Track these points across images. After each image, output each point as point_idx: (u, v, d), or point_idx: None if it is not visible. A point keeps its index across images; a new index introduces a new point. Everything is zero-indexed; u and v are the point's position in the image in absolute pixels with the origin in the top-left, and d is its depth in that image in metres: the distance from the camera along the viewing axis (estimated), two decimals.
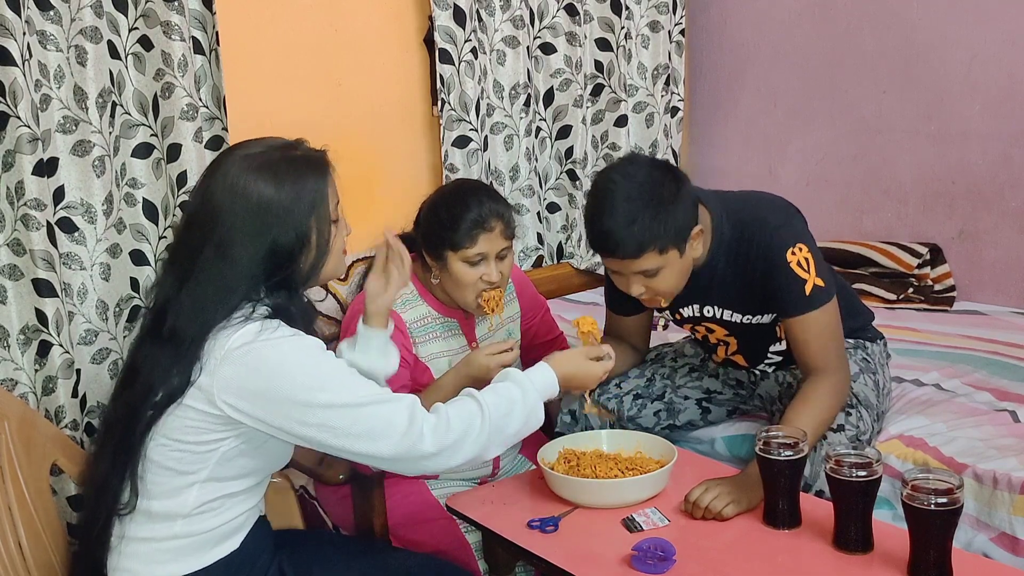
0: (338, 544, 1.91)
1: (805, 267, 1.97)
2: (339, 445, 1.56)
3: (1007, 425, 2.14)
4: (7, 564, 1.68)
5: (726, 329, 2.16)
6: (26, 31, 2.13)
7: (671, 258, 1.93)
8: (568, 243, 3.55)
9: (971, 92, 3.10)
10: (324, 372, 1.56)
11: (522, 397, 1.67)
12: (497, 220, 2.05)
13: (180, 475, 1.60)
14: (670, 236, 1.90)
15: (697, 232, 1.97)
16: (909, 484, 1.50)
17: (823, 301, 1.98)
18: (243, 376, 1.53)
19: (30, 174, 2.13)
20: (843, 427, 1.99)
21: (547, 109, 3.43)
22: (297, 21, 2.90)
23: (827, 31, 3.45)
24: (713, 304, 2.12)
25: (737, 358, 2.24)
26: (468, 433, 1.59)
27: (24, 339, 2.19)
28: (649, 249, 1.89)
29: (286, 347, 1.55)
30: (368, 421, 1.54)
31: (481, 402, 1.63)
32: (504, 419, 1.64)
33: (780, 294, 2.00)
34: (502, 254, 2.07)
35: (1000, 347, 2.64)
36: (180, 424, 1.57)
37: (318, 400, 1.53)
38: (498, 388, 1.68)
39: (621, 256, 1.91)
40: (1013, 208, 3.07)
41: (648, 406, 2.27)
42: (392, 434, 1.54)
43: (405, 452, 1.55)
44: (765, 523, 1.72)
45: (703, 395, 2.32)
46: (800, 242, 1.99)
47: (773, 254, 1.98)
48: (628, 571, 1.60)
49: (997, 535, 1.93)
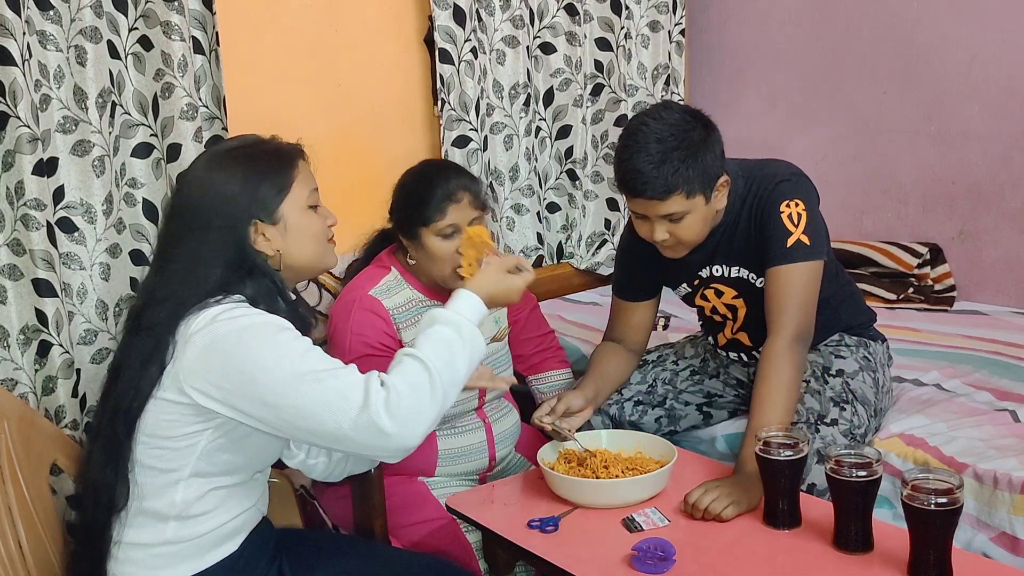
0: (338, 544, 1.91)
1: (795, 221, 1.98)
2: (301, 425, 1.50)
3: (1007, 425, 2.14)
4: (7, 564, 1.68)
5: (735, 290, 2.14)
6: (26, 31, 2.13)
7: (697, 204, 1.94)
8: (568, 243, 3.55)
9: (971, 92, 3.10)
10: (279, 345, 1.53)
11: (458, 335, 1.59)
12: (464, 192, 2.08)
13: (164, 473, 1.60)
14: (698, 181, 1.93)
15: (724, 182, 1.99)
16: (909, 484, 1.50)
17: (802, 258, 1.97)
18: (203, 357, 1.53)
19: (30, 174, 2.13)
20: (836, 421, 1.99)
21: (547, 109, 3.43)
22: (297, 21, 2.90)
23: (827, 31, 3.45)
24: (724, 262, 2.12)
25: (741, 336, 2.21)
26: (421, 396, 1.51)
27: (24, 339, 2.19)
28: (677, 191, 1.91)
29: (243, 323, 1.54)
30: (323, 393, 1.48)
31: (422, 358, 1.54)
32: (450, 366, 1.56)
33: (766, 243, 2.00)
34: (474, 224, 2.09)
35: (1000, 347, 2.64)
36: (157, 420, 1.58)
37: (273, 375, 1.50)
38: (431, 335, 1.58)
39: (649, 196, 1.92)
40: (1013, 208, 3.07)
41: (649, 412, 2.27)
42: (348, 408, 1.47)
43: (366, 428, 1.47)
44: (765, 523, 1.72)
45: (704, 400, 2.32)
46: (798, 198, 1.99)
47: (770, 203, 2.00)
48: (628, 571, 1.60)
49: (997, 535, 1.93)
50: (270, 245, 1.65)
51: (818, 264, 1.99)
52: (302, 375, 1.50)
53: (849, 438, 1.98)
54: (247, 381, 1.51)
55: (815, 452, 1.91)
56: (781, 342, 1.94)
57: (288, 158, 1.69)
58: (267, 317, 1.57)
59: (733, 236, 2.08)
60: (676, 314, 2.99)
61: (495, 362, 2.26)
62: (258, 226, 1.63)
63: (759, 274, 2.07)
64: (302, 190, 1.68)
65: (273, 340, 1.53)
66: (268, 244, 1.65)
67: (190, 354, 1.54)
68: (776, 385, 1.90)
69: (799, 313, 1.96)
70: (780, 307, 1.97)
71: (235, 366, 1.51)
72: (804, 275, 1.98)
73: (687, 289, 2.23)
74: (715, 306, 2.20)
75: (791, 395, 1.91)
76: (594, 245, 3.57)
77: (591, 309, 3.23)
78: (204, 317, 1.55)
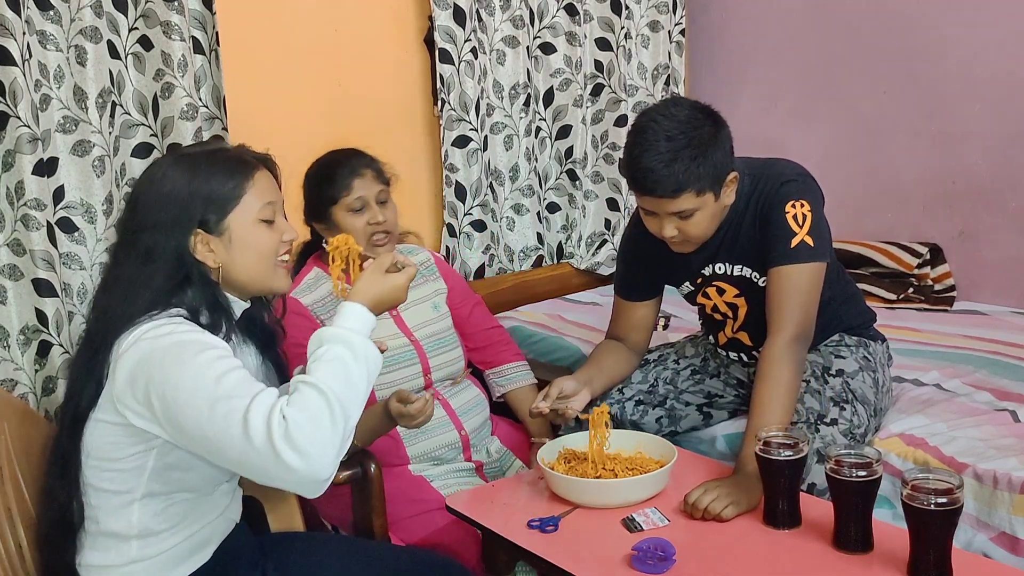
0: (326, 544, 1.88)
1: (799, 222, 1.98)
2: (215, 453, 1.43)
3: (1007, 425, 2.14)
4: (7, 564, 1.68)
5: (737, 288, 2.14)
6: (26, 31, 2.13)
7: (707, 201, 1.95)
8: (568, 243, 3.55)
9: (971, 92, 3.10)
10: (198, 367, 1.44)
11: (350, 351, 1.48)
12: (366, 168, 2.19)
13: (117, 495, 1.57)
14: (708, 179, 1.92)
15: (732, 178, 1.99)
16: (909, 484, 1.50)
17: (805, 258, 1.97)
18: (131, 377, 1.48)
19: (30, 174, 2.14)
20: (836, 421, 1.99)
21: (547, 109, 3.43)
22: (297, 21, 2.90)
23: (827, 31, 3.45)
24: (727, 260, 2.12)
25: (742, 336, 2.21)
26: (320, 425, 1.39)
27: (24, 339, 2.19)
28: (687, 190, 1.91)
29: (166, 342, 1.47)
30: (230, 424, 1.39)
31: (317, 383, 1.42)
32: (347, 386, 1.45)
33: (768, 243, 2.00)
34: (381, 198, 2.19)
35: (1000, 347, 2.64)
36: (102, 442, 1.55)
37: (188, 398, 1.42)
38: (322, 357, 1.47)
39: (659, 195, 1.92)
40: (1013, 208, 3.07)
41: (650, 412, 2.27)
42: (252, 440, 1.38)
43: (272, 462, 1.37)
44: (765, 523, 1.72)
45: (704, 400, 2.32)
46: (804, 199, 1.99)
47: (775, 203, 2.00)
48: (628, 571, 1.59)
49: (997, 535, 1.93)
50: (212, 257, 1.57)
51: (821, 266, 2.00)
52: (214, 402, 1.41)
53: (849, 438, 1.98)
54: (168, 403, 1.45)
55: (815, 452, 1.91)
56: (781, 342, 1.94)
57: (245, 167, 1.60)
58: (193, 336, 1.49)
59: (737, 234, 2.08)
60: (676, 314, 2.99)
61: (439, 343, 2.31)
62: (200, 235, 1.55)
63: (762, 273, 2.07)
64: (255, 201, 1.58)
65: (193, 362, 1.45)
66: (211, 256, 1.57)
67: (120, 374, 1.49)
68: (775, 385, 1.90)
69: (800, 313, 1.96)
70: (781, 307, 1.97)
71: (156, 387, 1.45)
72: (806, 276, 1.97)
73: (690, 287, 2.23)
74: (716, 304, 2.20)
75: (790, 395, 1.91)
76: (594, 245, 3.57)
77: (591, 309, 3.23)
78: (134, 335, 1.49)
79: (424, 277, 2.38)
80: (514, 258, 3.43)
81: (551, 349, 2.90)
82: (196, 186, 1.55)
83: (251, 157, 1.64)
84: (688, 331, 2.62)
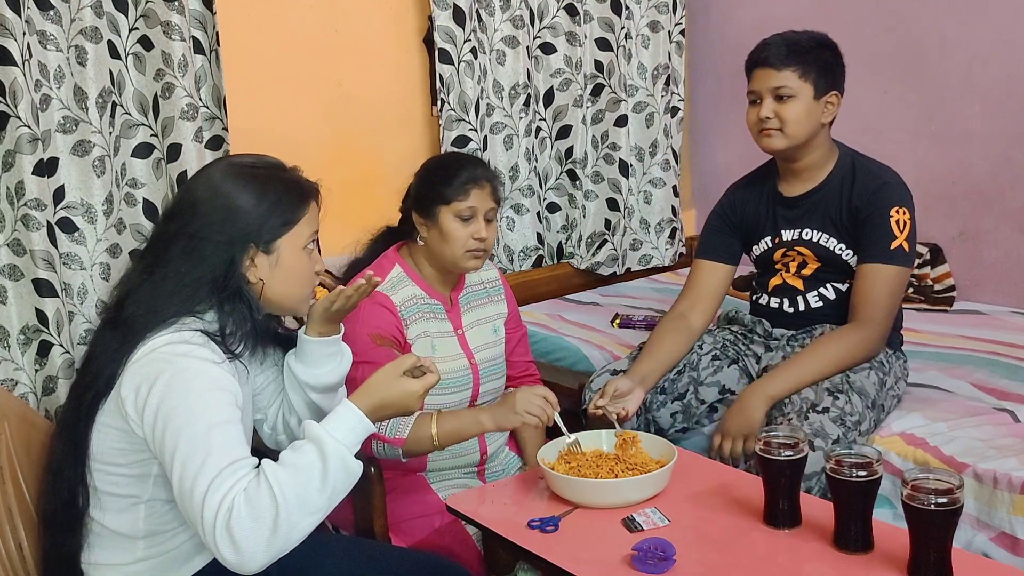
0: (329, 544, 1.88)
1: (901, 228, 2.16)
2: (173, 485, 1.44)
3: (1007, 425, 2.15)
4: (7, 564, 1.68)
5: (815, 254, 2.28)
6: (26, 31, 2.13)
7: (806, 90, 2.19)
8: (568, 243, 3.55)
9: (971, 92, 3.11)
10: (196, 405, 1.45)
11: (322, 463, 1.45)
12: (487, 181, 2.15)
13: (123, 498, 1.59)
14: (814, 68, 2.19)
15: (834, 96, 2.24)
16: (909, 484, 1.50)
17: (901, 262, 2.15)
18: (136, 385, 1.50)
19: (30, 174, 2.13)
20: (828, 409, 2.02)
21: (547, 109, 3.43)
22: (297, 21, 2.90)
23: (827, 31, 3.43)
24: (816, 228, 2.27)
25: (795, 281, 2.33)
26: (261, 529, 1.39)
27: (24, 339, 2.19)
28: (794, 63, 2.18)
29: (181, 364, 1.49)
30: (196, 481, 1.40)
31: (275, 488, 1.41)
32: (302, 501, 1.42)
33: (870, 238, 2.17)
34: (489, 216, 2.14)
35: (1000, 347, 2.64)
36: (106, 448, 1.56)
37: (176, 434, 1.44)
38: (297, 454, 1.46)
39: (769, 63, 2.19)
40: (1013, 208, 3.07)
41: (668, 405, 2.29)
42: (203, 512, 1.39)
43: (210, 539, 1.39)
44: (765, 523, 1.72)
45: (718, 396, 2.33)
46: (906, 207, 2.18)
47: (880, 201, 2.17)
48: (628, 571, 1.59)
49: (997, 535, 1.93)
50: (255, 273, 1.61)
51: (909, 271, 2.20)
52: (193, 450, 1.42)
53: (839, 424, 1.99)
54: (159, 422, 1.46)
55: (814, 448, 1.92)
56: (858, 333, 2.14)
57: (304, 193, 1.66)
58: (206, 367, 1.50)
59: (828, 206, 2.25)
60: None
61: (492, 369, 2.28)
62: (252, 251, 1.60)
63: (849, 244, 2.23)
64: (305, 229, 1.64)
65: (198, 398, 1.47)
66: (254, 271, 1.61)
67: (127, 380, 1.51)
68: (821, 350, 2.13)
69: (884, 310, 2.16)
70: (869, 301, 2.16)
71: (154, 401, 1.47)
72: (897, 278, 2.17)
73: (768, 245, 2.35)
74: (787, 263, 2.33)
75: (825, 366, 2.11)
76: (594, 245, 3.57)
77: (591, 309, 3.23)
78: (151, 344, 1.52)
79: (489, 297, 2.32)
80: (514, 258, 3.43)
81: (551, 349, 2.90)
82: (265, 205, 1.60)
83: (309, 186, 1.68)
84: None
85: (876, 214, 2.17)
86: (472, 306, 2.27)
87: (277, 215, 1.61)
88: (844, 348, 2.13)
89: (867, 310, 2.15)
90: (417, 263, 2.20)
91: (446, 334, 2.19)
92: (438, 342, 2.16)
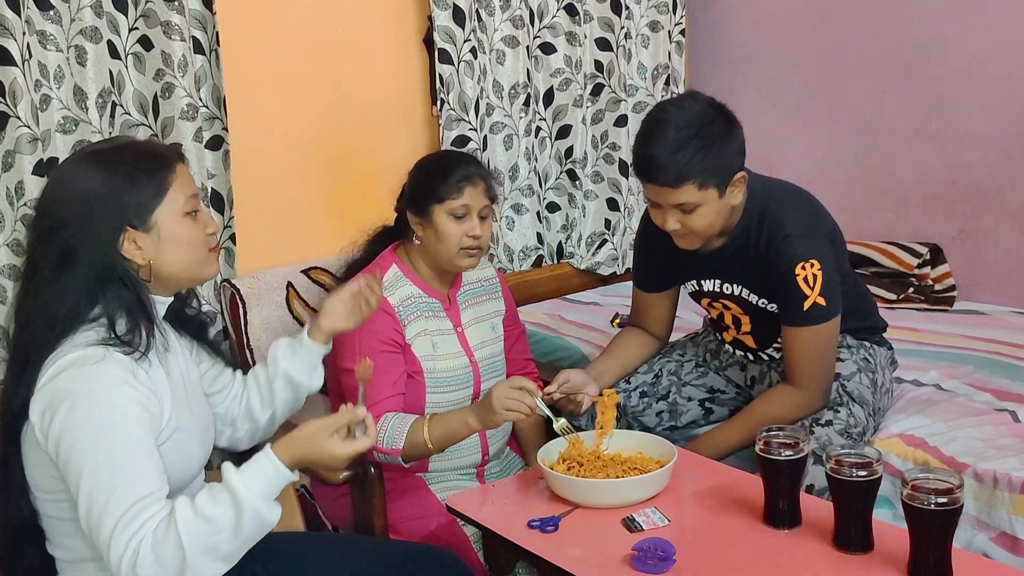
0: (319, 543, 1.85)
1: (811, 283, 1.98)
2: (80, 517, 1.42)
3: (1007, 425, 2.14)
4: None
5: (741, 308, 2.16)
6: (26, 31, 2.14)
7: (710, 196, 1.93)
8: (568, 243, 3.55)
9: (971, 92, 3.10)
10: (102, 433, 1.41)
11: (236, 513, 1.43)
12: (480, 179, 2.14)
13: (68, 521, 1.52)
14: (712, 172, 1.91)
15: (740, 178, 1.98)
16: (909, 484, 1.50)
17: (818, 320, 2.00)
18: (41, 411, 1.45)
19: (30, 174, 2.14)
20: (832, 422, 2.01)
21: (547, 109, 3.43)
22: (297, 21, 2.90)
23: (827, 31, 3.45)
24: (734, 282, 2.12)
25: (747, 339, 2.23)
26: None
27: None
28: (689, 180, 1.90)
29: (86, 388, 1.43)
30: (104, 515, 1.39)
31: (183, 536, 1.39)
32: (209, 552, 1.41)
33: (782, 299, 2.03)
34: (484, 213, 2.13)
35: (1000, 347, 2.64)
36: (40, 476, 1.52)
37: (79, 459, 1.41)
38: (211, 500, 1.44)
39: (661, 183, 1.91)
40: (1013, 208, 3.07)
41: (653, 405, 2.28)
42: (111, 546, 1.38)
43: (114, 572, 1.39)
44: (765, 523, 1.72)
45: (707, 395, 2.33)
46: (814, 257, 1.98)
47: (782, 260, 1.99)
48: (628, 571, 1.60)
49: (997, 535, 1.93)
50: (141, 254, 1.54)
51: (835, 321, 2.03)
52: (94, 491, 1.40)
53: (846, 437, 1.99)
54: (63, 458, 1.43)
55: (811, 453, 1.91)
56: (796, 395, 2.03)
57: (162, 160, 1.57)
58: (105, 392, 1.44)
59: (745, 259, 2.07)
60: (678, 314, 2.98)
61: (492, 367, 2.28)
62: (129, 233, 1.52)
63: (769, 299, 2.09)
64: (179, 196, 1.56)
65: (99, 430, 1.42)
66: (139, 253, 1.54)
67: (36, 405, 1.46)
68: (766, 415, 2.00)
69: (814, 370, 2.02)
70: (796, 365, 2.03)
71: (54, 436, 1.43)
72: (822, 335, 2.02)
73: (694, 287, 2.24)
74: (721, 313, 2.22)
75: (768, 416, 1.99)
76: (594, 245, 3.57)
77: (591, 309, 3.23)
78: (57, 366, 1.46)
79: (487, 294, 2.33)
80: (514, 258, 3.43)
81: (551, 349, 2.89)
82: (118, 184, 1.52)
83: (166, 151, 1.62)
84: (687, 331, 2.62)
85: (780, 274, 2.00)
86: (470, 304, 2.27)
87: (137, 190, 1.53)
88: (786, 412, 2.02)
89: (799, 375, 2.03)
90: (414, 262, 2.21)
91: (446, 332, 2.19)
92: (438, 340, 2.17)
